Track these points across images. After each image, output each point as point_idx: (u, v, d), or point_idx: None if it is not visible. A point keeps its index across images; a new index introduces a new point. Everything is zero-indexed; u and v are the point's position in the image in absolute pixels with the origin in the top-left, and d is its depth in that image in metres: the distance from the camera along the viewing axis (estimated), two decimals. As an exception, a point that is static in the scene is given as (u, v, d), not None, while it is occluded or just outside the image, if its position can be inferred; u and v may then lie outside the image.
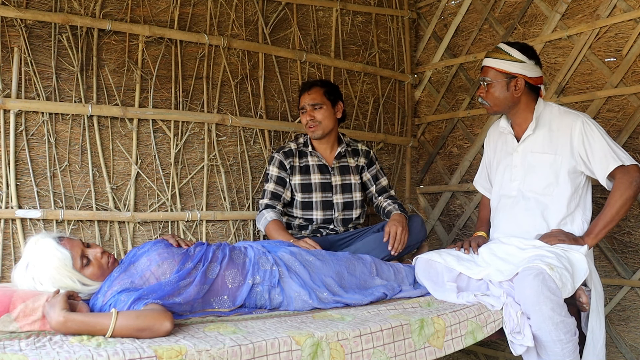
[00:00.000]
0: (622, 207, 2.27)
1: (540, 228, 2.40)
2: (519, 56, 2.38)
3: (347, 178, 3.02)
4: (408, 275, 2.45)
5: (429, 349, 1.91)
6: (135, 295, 1.74)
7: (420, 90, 4.00)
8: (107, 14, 2.81)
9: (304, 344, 1.65)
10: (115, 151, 2.84)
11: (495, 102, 2.44)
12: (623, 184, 2.26)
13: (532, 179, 2.44)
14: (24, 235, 2.56)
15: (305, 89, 2.96)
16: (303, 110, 2.94)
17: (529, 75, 2.39)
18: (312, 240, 2.57)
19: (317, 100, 2.90)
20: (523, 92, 2.41)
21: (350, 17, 3.69)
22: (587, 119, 2.37)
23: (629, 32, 2.90)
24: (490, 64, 2.43)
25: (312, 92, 2.93)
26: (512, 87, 2.39)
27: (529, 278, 2.04)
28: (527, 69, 2.38)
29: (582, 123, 2.34)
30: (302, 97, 2.96)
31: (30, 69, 2.63)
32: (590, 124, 2.34)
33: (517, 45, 2.44)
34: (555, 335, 2.01)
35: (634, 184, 2.25)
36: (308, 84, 3.00)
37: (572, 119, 2.37)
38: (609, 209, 2.29)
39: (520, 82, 2.38)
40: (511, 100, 2.42)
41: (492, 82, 2.42)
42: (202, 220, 3.03)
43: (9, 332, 1.64)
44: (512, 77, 2.39)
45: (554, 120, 2.41)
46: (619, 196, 2.27)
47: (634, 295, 2.89)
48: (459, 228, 3.72)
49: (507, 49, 2.41)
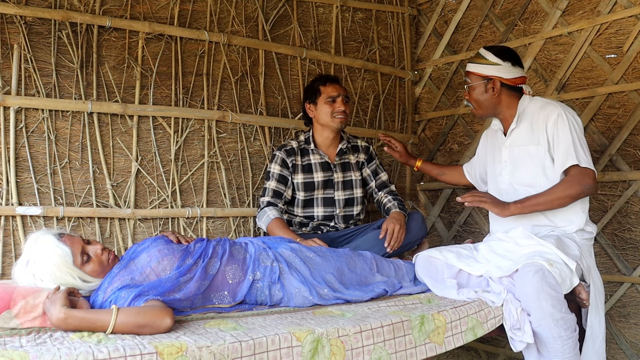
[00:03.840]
0: (559, 200, 2.31)
1: (534, 219, 2.42)
2: (494, 59, 2.47)
3: (349, 175, 3.02)
4: (408, 271, 2.45)
5: (430, 345, 1.91)
6: (135, 292, 1.74)
7: (420, 86, 4.00)
8: (107, 10, 2.81)
9: (304, 340, 1.65)
10: (115, 148, 2.84)
11: (478, 103, 2.54)
12: (572, 182, 2.30)
13: (520, 172, 2.48)
14: (25, 232, 2.56)
15: (333, 80, 2.97)
16: (332, 99, 2.90)
17: (505, 77, 2.47)
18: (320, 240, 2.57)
19: (346, 94, 2.95)
20: (502, 93, 2.49)
21: (351, 13, 3.68)
22: (566, 111, 2.38)
23: (629, 28, 2.90)
24: (470, 69, 2.55)
25: (341, 85, 2.97)
26: (490, 88, 2.49)
27: (529, 275, 2.04)
28: (502, 70, 2.47)
29: (557, 114, 2.37)
30: (330, 86, 2.93)
31: (30, 66, 2.63)
32: (566, 117, 2.36)
33: (494, 49, 2.53)
34: (555, 332, 2.01)
35: (581, 187, 2.28)
36: (332, 77, 3.01)
37: (551, 109, 2.40)
38: (547, 195, 2.32)
39: (497, 84, 2.48)
40: (491, 101, 2.51)
41: (472, 85, 2.53)
42: (202, 217, 3.03)
43: (10, 328, 1.64)
44: (489, 80, 2.48)
45: (535, 112, 2.46)
46: (562, 189, 2.30)
47: (635, 292, 2.89)
48: (460, 225, 3.72)
49: (484, 54, 2.52)
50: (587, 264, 2.29)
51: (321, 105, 2.92)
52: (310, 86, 3.00)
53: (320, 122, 2.95)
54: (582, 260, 2.25)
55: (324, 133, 2.97)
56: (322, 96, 2.92)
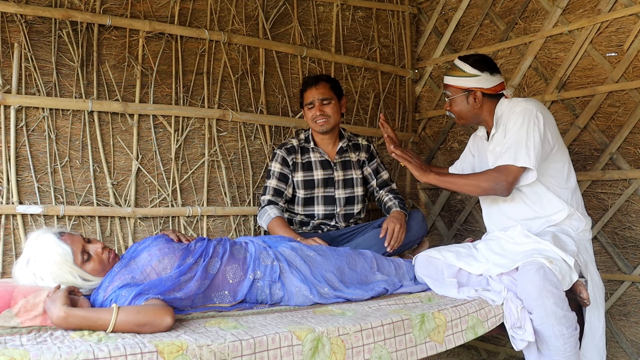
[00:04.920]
0: (471, 187, 2.38)
1: (526, 214, 2.42)
2: (472, 71, 2.45)
3: (349, 173, 3.02)
4: (409, 270, 2.45)
5: (430, 344, 1.91)
6: (136, 291, 1.74)
7: (421, 85, 4.00)
8: (107, 9, 2.81)
9: (304, 339, 1.66)
10: (115, 147, 2.84)
11: (460, 114, 2.54)
12: (489, 176, 2.32)
13: None
14: (25, 231, 2.56)
15: (312, 83, 2.91)
16: (311, 105, 2.90)
17: (485, 87, 2.46)
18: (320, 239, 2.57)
19: (326, 95, 2.89)
20: (483, 102, 2.49)
21: (351, 12, 3.68)
22: (531, 106, 2.35)
23: (630, 27, 2.90)
24: (448, 82, 2.53)
25: (319, 86, 2.90)
26: (472, 99, 2.48)
27: (530, 273, 2.04)
28: (482, 81, 2.45)
29: (519, 110, 2.35)
30: (308, 92, 2.91)
31: (30, 65, 2.62)
32: (527, 113, 2.32)
33: (470, 59, 2.49)
34: (558, 330, 2.01)
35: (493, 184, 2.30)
36: (313, 78, 2.95)
37: (520, 106, 2.37)
38: (464, 179, 2.40)
39: (478, 95, 2.46)
40: (473, 111, 2.51)
41: (453, 97, 2.52)
42: (202, 215, 3.03)
43: (10, 327, 1.64)
44: (470, 91, 2.47)
45: (508, 114, 2.42)
46: (477, 179, 2.35)
47: (635, 291, 2.89)
48: (460, 223, 3.72)
49: (460, 65, 2.49)
50: (584, 259, 2.29)
51: (305, 111, 2.96)
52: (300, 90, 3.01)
53: (310, 125, 2.98)
54: (579, 256, 2.24)
55: (317, 134, 2.98)
56: (304, 102, 2.94)
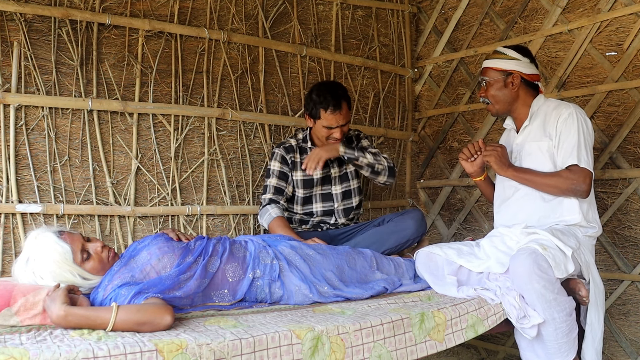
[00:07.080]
0: (549, 187, 2.37)
1: (540, 211, 2.43)
2: (514, 54, 2.50)
3: (344, 168, 3.01)
4: (408, 269, 2.46)
5: (430, 343, 1.91)
6: (135, 289, 1.74)
7: (420, 84, 3.99)
8: (107, 8, 2.80)
9: (304, 337, 1.66)
10: (115, 145, 2.84)
11: (496, 99, 2.54)
12: (568, 177, 2.32)
13: (529, 166, 2.48)
14: (25, 230, 2.56)
15: (335, 107, 2.75)
16: (329, 127, 2.78)
17: (524, 72, 2.49)
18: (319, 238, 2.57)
19: (348, 118, 2.82)
20: (520, 88, 2.52)
21: (351, 11, 3.68)
22: (578, 112, 2.41)
23: (630, 26, 2.90)
24: (488, 65, 2.56)
25: (343, 111, 2.77)
26: (510, 83, 2.50)
27: (522, 257, 2.08)
28: (522, 65, 2.49)
29: (569, 113, 2.39)
30: (331, 116, 2.75)
31: (30, 64, 2.62)
32: (576, 117, 2.38)
33: (513, 46, 2.57)
34: (548, 314, 2.03)
35: (573, 185, 2.31)
36: (336, 100, 2.75)
37: (565, 107, 2.43)
38: (542, 178, 2.39)
39: (517, 78, 2.49)
40: (510, 96, 2.52)
41: (491, 80, 2.53)
42: (202, 214, 3.03)
43: (10, 326, 1.64)
44: (509, 74, 2.50)
45: (549, 111, 2.48)
46: (556, 179, 2.35)
47: (634, 290, 2.89)
48: (460, 222, 3.72)
49: (503, 50, 2.55)
50: (586, 260, 2.29)
51: (319, 127, 2.83)
52: (312, 100, 2.81)
53: (315, 134, 2.93)
54: (580, 255, 2.25)
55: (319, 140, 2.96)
56: (321, 120, 2.80)
